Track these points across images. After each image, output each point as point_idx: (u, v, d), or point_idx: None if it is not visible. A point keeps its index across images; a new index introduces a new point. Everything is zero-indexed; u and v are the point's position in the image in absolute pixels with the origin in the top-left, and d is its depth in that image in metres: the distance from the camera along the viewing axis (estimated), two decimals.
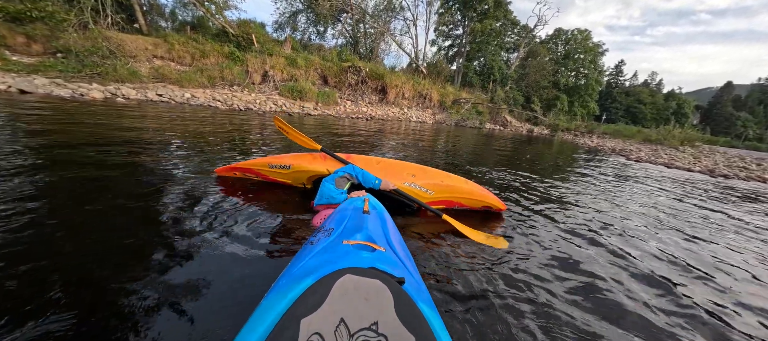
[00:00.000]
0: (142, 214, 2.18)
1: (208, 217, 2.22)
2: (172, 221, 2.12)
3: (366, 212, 1.47)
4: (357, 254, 1.06)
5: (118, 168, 3.04)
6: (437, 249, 2.15)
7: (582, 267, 2.19)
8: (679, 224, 3.61)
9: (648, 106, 51.71)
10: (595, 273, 2.12)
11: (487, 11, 29.29)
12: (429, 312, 0.90)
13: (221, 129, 6.24)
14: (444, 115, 20.42)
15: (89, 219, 2.02)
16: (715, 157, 14.55)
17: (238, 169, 2.90)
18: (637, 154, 12.54)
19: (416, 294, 0.93)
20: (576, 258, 2.32)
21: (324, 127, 9.19)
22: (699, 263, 2.55)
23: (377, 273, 0.89)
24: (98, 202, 2.25)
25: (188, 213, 2.25)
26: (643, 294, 1.95)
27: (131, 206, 2.27)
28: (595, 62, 35.54)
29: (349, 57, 19.22)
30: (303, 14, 25.18)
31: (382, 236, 1.31)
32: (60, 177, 2.62)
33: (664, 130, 20.03)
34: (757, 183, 8.34)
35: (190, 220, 2.16)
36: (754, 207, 5.12)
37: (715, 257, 2.73)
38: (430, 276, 1.80)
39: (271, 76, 14.45)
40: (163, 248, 1.80)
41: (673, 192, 5.72)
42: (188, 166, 3.37)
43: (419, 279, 1.19)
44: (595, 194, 4.70)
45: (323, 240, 1.23)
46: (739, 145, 54.52)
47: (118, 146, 3.84)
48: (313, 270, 0.97)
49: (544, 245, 2.47)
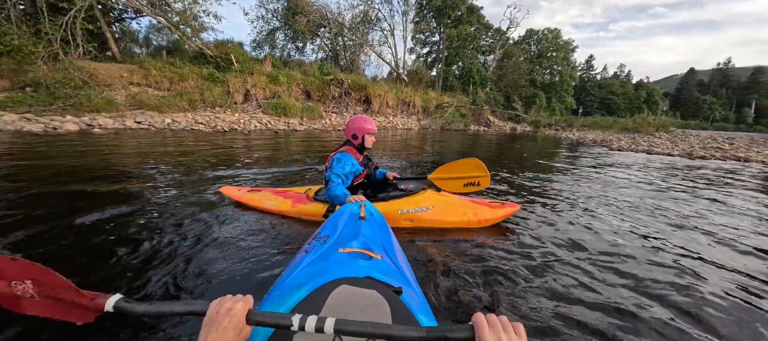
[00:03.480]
0: (126, 236, 2.10)
1: (200, 233, 2.14)
2: (161, 242, 2.06)
3: (362, 218, 1.42)
4: (353, 263, 1.02)
5: (97, 197, 2.90)
6: (435, 256, 2.09)
7: (587, 265, 2.19)
8: (676, 207, 3.70)
9: (620, 97, 53.95)
10: (607, 269, 2.12)
11: (461, 17, 30.13)
12: (427, 322, 0.86)
13: (205, 151, 6.07)
14: (429, 120, 20.65)
15: (77, 241, 1.89)
16: (689, 140, 15.23)
17: (244, 201, 2.78)
18: (617, 143, 12.98)
19: (414, 304, 0.90)
20: (580, 257, 2.32)
21: (311, 142, 9.10)
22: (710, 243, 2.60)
23: (373, 283, 0.87)
24: (82, 233, 2.11)
25: (177, 232, 2.21)
26: (669, 290, 1.95)
27: (111, 228, 2.18)
28: (567, 59, 37.02)
29: (331, 70, 19.27)
30: (280, 31, 25.20)
31: (379, 243, 1.26)
32: (40, 214, 2.45)
33: (640, 118, 20.87)
34: (734, 162, 8.75)
35: (180, 238, 2.11)
36: (735, 187, 5.34)
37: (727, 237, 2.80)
38: (429, 284, 1.73)
39: (253, 94, 14.28)
40: (148, 269, 1.75)
41: (662, 177, 5.90)
42: (171, 189, 3.26)
43: (417, 287, 1.15)
44: (590, 185, 4.79)
45: (318, 247, 1.18)
46: (709, 127, 57.50)
47: (98, 177, 3.66)
48: (307, 279, 0.92)
49: (544, 242, 2.45)
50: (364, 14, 26.23)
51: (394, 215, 2.38)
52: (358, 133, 2.36)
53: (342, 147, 2.39)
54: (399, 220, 2.41)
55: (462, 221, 2.50)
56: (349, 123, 2.40)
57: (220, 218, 2.52)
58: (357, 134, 2.36)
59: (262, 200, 2.69)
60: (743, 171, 7.12)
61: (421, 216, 2.44)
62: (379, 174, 2.75)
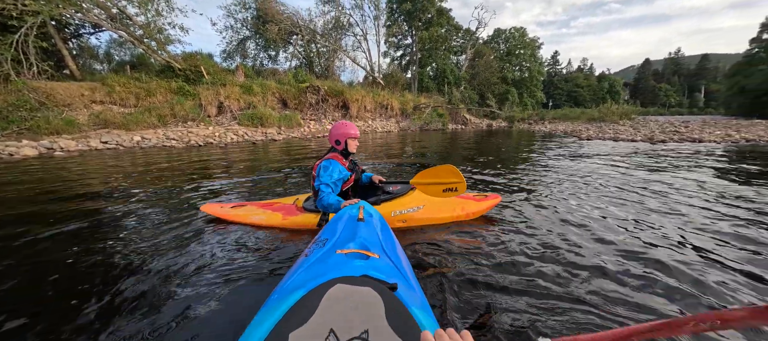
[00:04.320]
0: (95, 268, 1.97)
1: (183, 258, 2.05)
2: (138, 272, 1.94)
3: (360, 219, 1.45)
4: (349, 263, 1.04)
5: (60, 225, 2.72)
6: (431, 252, 2.14)
7: (571, 251, 2.31)
8: (639, 186, 3.96)
9: (585, 89, 56.91)
10: (589, 254, 2.24)
11: (432, 19, 30.80)
12: (423, 316, 0.88)
13: (180, 168, 5.84)
14: (408, 122, 20.88)
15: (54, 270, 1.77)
16: (650, 125, 16.31)
17: (228, 217, 2.68)
18: (586, 133, 13.68)
19: (410, 300, 0.92)
20: (565, 244, 2.44)
21: (291, 150, 8.96)
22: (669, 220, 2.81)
23: (368, 281, 0.89)
24: (43, 268, 1.98)
25: (155, 259, 2.08)
26: (639, 269, 2.09)
27: (77, 260, 2.04)
28: (534, 55, 38.64)
29: (306, 77, 19.09)
30: (251, 41, 24.68)
31: (377, 242, 1.29)
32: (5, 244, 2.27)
33: (604, 108, 22.12)
34: (690, 144, 9.46)
35: (159, 266, 2.00)
36: (693, 166, 5.78)
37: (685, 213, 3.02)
38: (428, 280, 1.77)
39: (227, 106, 13.88)
40: (123, 308, 1.62)
41: (629, 161, 6.29)
42: (145, 211, 3.11)
43: (415, 283, 1.18)
44: (564, 173, 5.03)
45: (317, 251, 1.21)
46: (665, 112, 61.70)
47: (61, 204, 3.43)
48: (304, 282, 0.94)
49: (525, 229, 2.58)
50: (336, 20, 26.23)
51: (388, 217, 2.42)
52: (341, 138, 2.37)
53: (327, 154, 2.39)
54: (393, 222, 2.45)
55: (452, 216, 2.63)
56: (332, 130, 2.41)
57: (203, 239, 2.38)
58: (340, 140, 2.37)
59: (248, 215, 2.61)
60: (699, 150, 7.73)
61: (413, 216, 2.52)
62: (365, 178, 2.77)
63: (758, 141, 9.80)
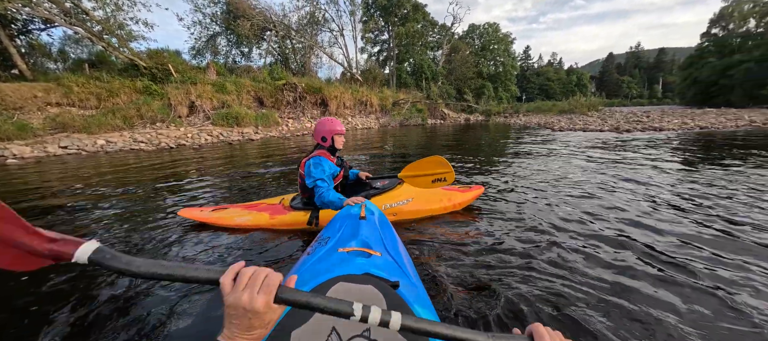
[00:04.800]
0: (62, 288, 1.82)
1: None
2: (113, 290, 1.81)
3: (362, 218, 1.46)
4: (351, 261, 1.05)
5: None
6: (438, 250, 2.16)
7: (553, 235, 2.41)
8: (610, 173, 4.20)
9: (556, 82, 59.35)
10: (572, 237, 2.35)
11: (408, 15, 30.86)
12: (425, 313, 0.90)
13: (151, 172, 5.53)
14: (387, 118, 20.88)
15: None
16: (615, 116, 17.27)
17: (209, 221, 2.56)
18: (558, 124, 14.28)
19: (412, 297, 0.93)
20: (548, 230, 2.54)
21: (270, 150, 8.73)
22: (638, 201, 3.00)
23: (370, 279, 0.90)
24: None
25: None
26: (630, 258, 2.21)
27: (39, 281, 1.88)
28: (507, 50, 39.75)
29: (282, 74, 18.58)
30: (222, 37, 23.66)
31: (379, 240, 1.30)
32: None
33: (574, 101, 23.19)
34: (652, 132, 10.11)
35: (136, 281, 1.87)
36: (656, 153, 6.18)
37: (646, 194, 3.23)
38: (430, 278, 1.80)
39: (199, 106, 13.26)
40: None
41: (598, 151, 6.63)
42: (116, 220, 2.92)
43: (417, 281, 1.20)
44: (540, 163, 5.23)
45: (319, 249, 1.22)
46: (628, 103, 65.53)
47: (20, 213, 3.14)
48: (306, 280, 0.95)
49: (520, 221, 2.68)
50: (311, 15, 25.65)
51: None
52: (328, 135, 2.33)
53: (313, 152, 2.35)
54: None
55: (440, 208, 2.71)
56: (317, 126, 2.38)
57: (184, 245, 2.28)
58: (326, 137, 2.34)
59: (232, 217, 2.51)
60: (660, 138, 8.28)
61: (403, 209, 2.56)
62: (352, 175, 2.75)
63: (710, 127, 10.65)
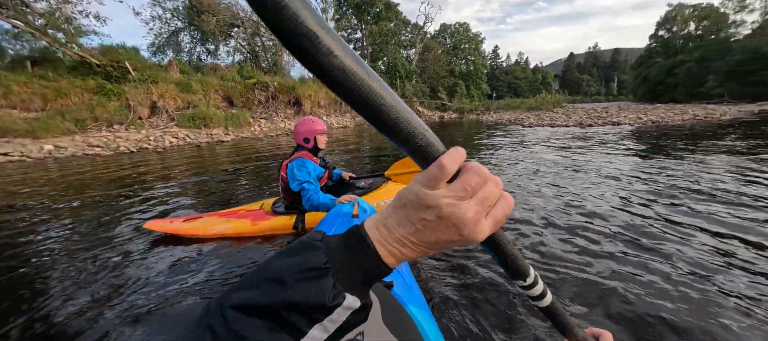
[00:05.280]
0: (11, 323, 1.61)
1: (130, 289, 1.78)
2: (73, 320, 1.63)
3: (355, 216, 1.44)
4: None
5: None
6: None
7: (538, 225, 2.49)
8: (579, 163, 4.44)
9: (523, 81, 62.09)
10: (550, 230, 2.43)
11: (380, 14, 30.85)
12: (420, 314, 0.89)
13: (110, 180, 5.10)
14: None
15: None
16: (578, 112, 18.34)
17: (181, 232, 2.35)
18: (528, 121, 14.91)
19: (406, 298, 0.92)
20: (533, 221, 2.62)
21: (243, 152, 8.36)
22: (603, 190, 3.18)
23: None
24: None
25: (92, 299, 1.77)
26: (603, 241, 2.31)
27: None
28: (477, 49, 40.95)
29: (253, 72, 17.90)
30: (185, 33, 22.36)
31: None
32: None
33: (540, 98, 24.36)
34: (610, 126, 10.84)
35: (100, 307, 1.70)
36: (616, 145, 6.62)
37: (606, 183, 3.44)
38: (422, 276, 1.80)
39: (161, 106, 12.42)
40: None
41: (567, 144, 6.99)
42: (69, 237, 2.64)
43: (412, 281, 1.18)
44: (515, 157, 5.42)
45: None
46: (588, 100, 70.01)
47: None
48: None
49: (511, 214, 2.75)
50: None
51: None
52: (310, 135, 2.24)
53: (295, 153, 2.25)
54: None
55: None
56: (298, 127, 2.28)
57: (154, 261, 2.05)
58: (309, 137, 2.25)
59: (207, 227, 2.32)
60: (619, 131, 8.89)
61: None
62: (335, 175, 2.68)
63: (661, 121, 11.60)
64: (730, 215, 2.50)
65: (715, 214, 2.53)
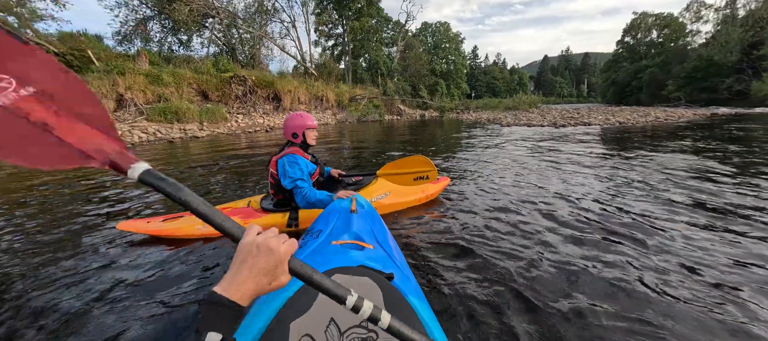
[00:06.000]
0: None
1: (112, 298, 1.67)
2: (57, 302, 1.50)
3: (353, 211, 1.45)
4: (346, 253, 1.06)
5: None
6: (426, 242, 2.22)
7: (514, 219, 2.57)
8: (550, 162, 4.63)
9: (501, 81, 63.91)
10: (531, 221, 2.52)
11: (362, 9, 30.58)
12: (419, 304, 0.93)
13: (72, 179, 4.74)
14: (345, 114, 20.58)
15: None
16: (552, 113, 19.12)
17: (162, 233, 2.20)
18: (506, 120, 15.37)
19: (406, 288, 0.96)
20: (511, 214, 2.70)
21: (219, 148, 8.05)
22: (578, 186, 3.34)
23: (366, 271, 0.93)
24: None
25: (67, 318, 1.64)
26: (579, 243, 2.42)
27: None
28: (458, 49, 41.61)
29: (229, 66, 17.23)
30: (155, 21, 21.07)
31: (371, 233, 1.32)
32: None
33: (517, 98, 25.17)
34: (582, 127, 11.38)
35: (80, 321, 1.58)
36: (588, 144, 6.95)
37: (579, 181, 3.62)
38: (421, 269, 1.84)
39: (129, 99, 11.68)
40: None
41: (543, 143, 7.27)
42: (30, 247, 2.43)
43: (409, 272, 1.23)
44: (495, 155, 5.57)
45: (312, 242, 1.23)
46: (561, 101, 73.17)
47: None
48: None
49: (474, 203, 2.97)
50: (259, 4, 24.10)
51: None
52: (299, 130, 2.19)
53: (284, 149, 2.19)
54: None
55: (415, 200, 2.84)
56: (287, 122, 2.21)
57: (132, 265, 1.90)
58: (297, 132, 2.19)
59: (191, 226, 2.18)
60: (590, 131, 9.35)
61: (382, 203, 2.59)
62: (326, 172, 2.65)
63: (626, 122, 12.34)
64: (682, 204, 2.86)
65: (672, 205, 2.83)
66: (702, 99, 28.90)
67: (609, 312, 1.46)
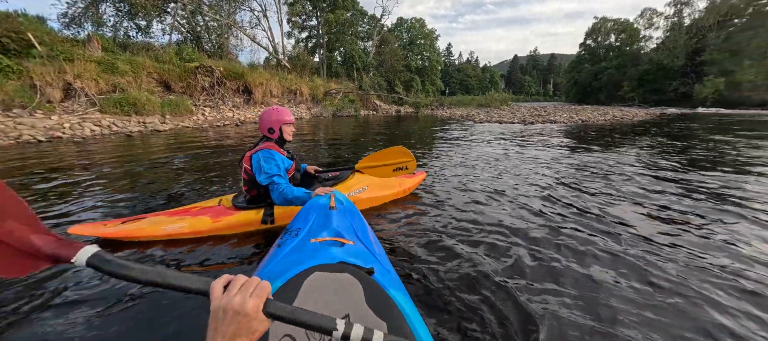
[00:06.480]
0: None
1: (64, 314, 1.48)
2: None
3: (332, 208, 1.43)
4: (325, 251, 1.06)
5: None
6: (405, 235, 2.25)
7: (486, 210, 2.63)
8: (525, 154, 4.82)
9: (473, 79, 65.57)
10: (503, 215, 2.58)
11: (337, 2, 29.95)
12: (400, 297, 0.93)
13: (12, 176, 4.23)
14: (319, 108, 20.14)
15: None
16: (521, 110, 19.93)
17: (121, 235, 1.98)
18: (479, 117, 15.80)
19: (387, 282, 0.96)
20: (484, 206, 2.76)
21: (185, 143, 7.56)
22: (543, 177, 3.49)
23: (346, 267, 0.92)
24: None
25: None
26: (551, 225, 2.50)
27: None
28: (433, 46, 42.09)
29: (194, 55, 16.22)
30: (108, 3, 19.28)
31: (350, 229, 1.32)
32: None
33: (489, 96, 25.97)
34: (549, 124, 11.97)
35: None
36: (556, 140, 7.31)
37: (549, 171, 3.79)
38: (401, 262, 1.84)
39: (79, 88, 10.63)
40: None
41: (513, 138, 7.54)
42: None
43: (390, 266, 1.23)
44: (466, 150, 5.70)
45: (290, 241, 1.21)
46: (529, 99, 76.58)
47: None
48: (281, 272, 0.95)
49: (447, 195, 3.04)
50: None
51: None
52: (275, 125, 2.08)
53: (259, 144, 2.07)
54: None
55: (393, 194, 2.84)
56: (263, 116, 2.11)
57: (88, 273, 1.67)
58: (274, 127, 2.08)
59: (155, 228, 2.00)
60: (555, 128, 9.85)
61: (360, 197, 2.55)
62: (302, 168, 2.56)
63: (588, 121, 13.14)
64: (634, 193, 3.18)
65: (629, 194, 3.08)
66: (653, 100, 31.52)
67: (575, 297, 1.55)
